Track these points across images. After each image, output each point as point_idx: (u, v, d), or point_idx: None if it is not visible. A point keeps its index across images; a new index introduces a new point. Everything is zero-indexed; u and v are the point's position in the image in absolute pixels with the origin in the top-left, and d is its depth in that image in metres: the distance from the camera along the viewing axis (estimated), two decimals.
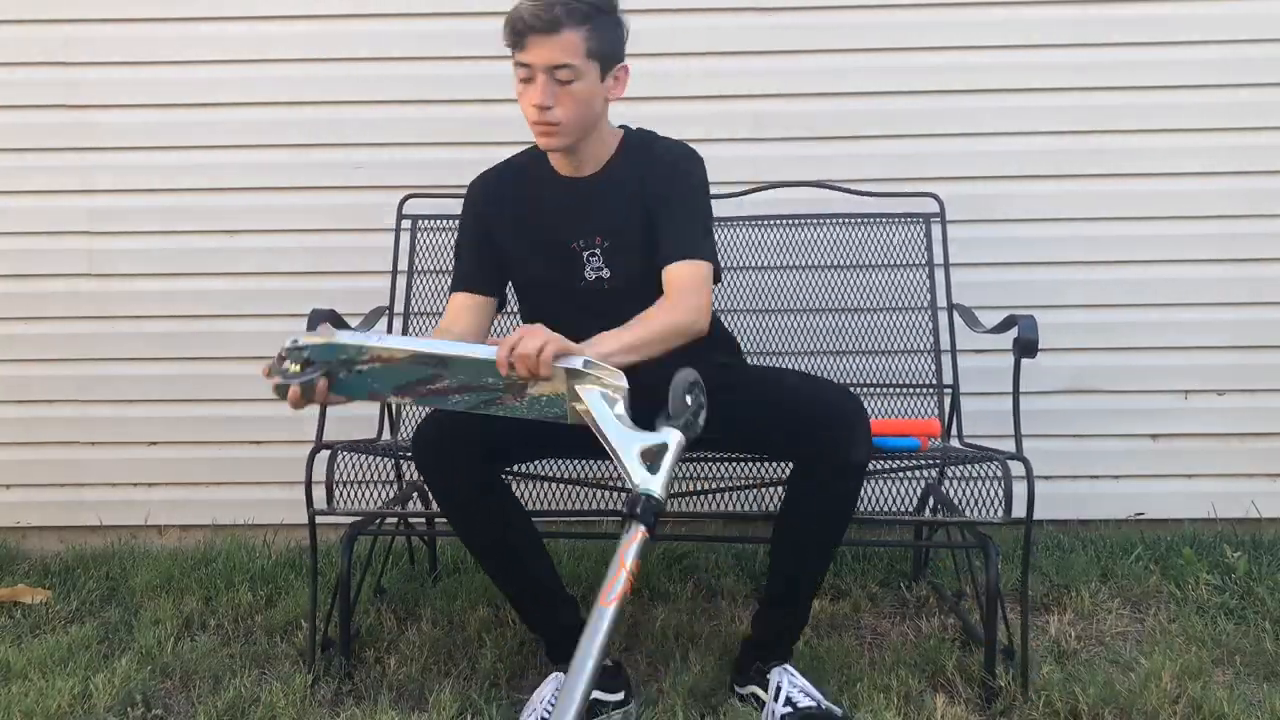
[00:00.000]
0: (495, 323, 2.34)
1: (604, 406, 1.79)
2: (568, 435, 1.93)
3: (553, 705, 2.00)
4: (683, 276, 2.12)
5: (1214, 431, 3.11)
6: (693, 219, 2.19)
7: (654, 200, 2.18)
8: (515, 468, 2.37)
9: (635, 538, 1.71)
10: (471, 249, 2.32)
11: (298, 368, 1.84)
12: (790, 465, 2.14)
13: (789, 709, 2.05)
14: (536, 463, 2.46)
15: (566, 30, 2.05)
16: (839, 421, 2.03)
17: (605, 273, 2.20)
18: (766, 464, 2.49)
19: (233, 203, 3.12)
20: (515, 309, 2.39)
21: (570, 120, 2.11)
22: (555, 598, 2.20)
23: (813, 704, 2.06)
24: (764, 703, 2.10)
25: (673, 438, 1.77)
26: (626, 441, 1.76)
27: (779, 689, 2.09)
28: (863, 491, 2.54)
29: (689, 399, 1.80)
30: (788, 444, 2.10)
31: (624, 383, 1.81)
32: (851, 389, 2.81)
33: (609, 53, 2.13)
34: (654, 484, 1.74)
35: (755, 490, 2.57)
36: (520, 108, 2.15)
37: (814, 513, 2.08)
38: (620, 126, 2.29)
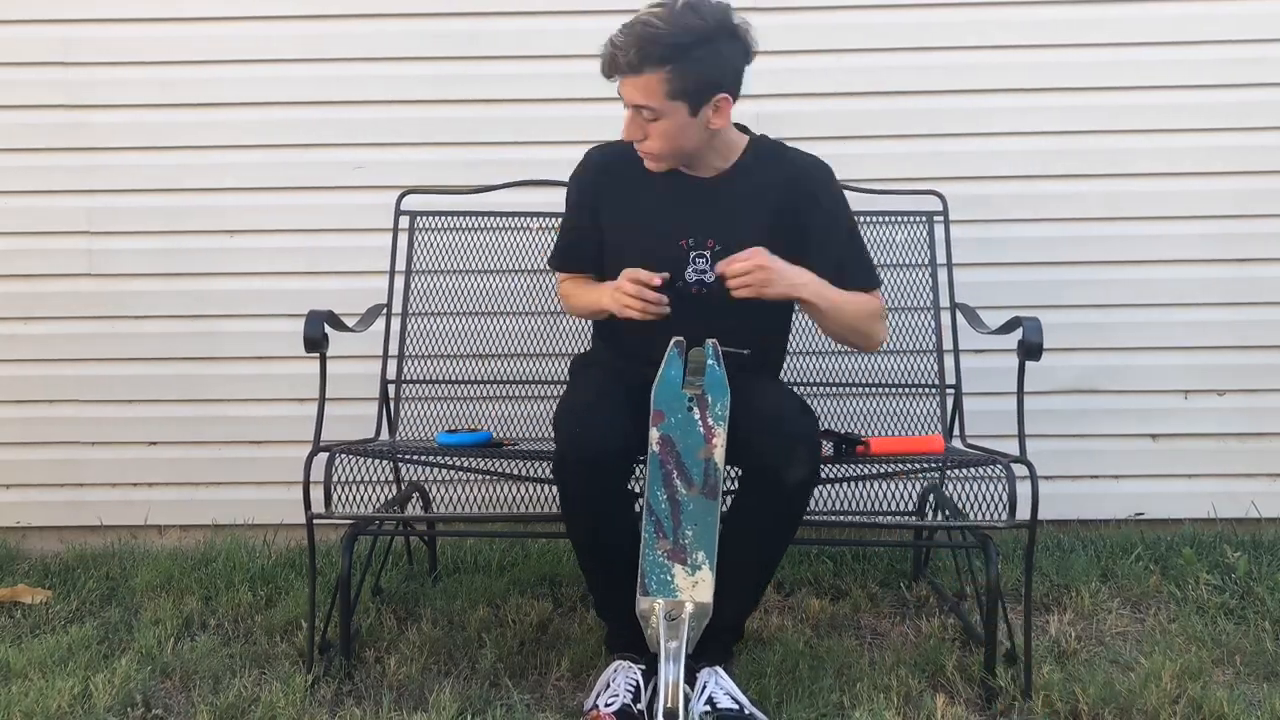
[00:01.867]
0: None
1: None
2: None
3: (629, 689, 2.05)
4: (877, 300, 2.30)
5: (1214, 431, 3.11)
6: (864, 248, 2.33)
7: (810, 214, 2.23)
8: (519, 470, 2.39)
9: None
10: (572, 226, 2.35)
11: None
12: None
13: (707, 709, 2.04)
14: (540, 465, 2.46)
15: (645, 73, 2.05)
16: (778, 439, 2.03)
17: (708, 276, 2.20)
18: None
19: (233, 203, 3.12)
20: None
21: (664, 150, 2.15)
22: (632, 591, 2.15)
23: (733, 707, 2.05)
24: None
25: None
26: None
27: (704, 688, 2.08)
28: (862, 492, 2.56)
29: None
30: (735, 454, 2.09)
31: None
32: (853, 388, 2.87)
33: (699, 88, 2.09)
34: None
35: None
36: None
37: (751, 527, 2.08)
38: (745, 131, 2.29)
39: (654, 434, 2.00)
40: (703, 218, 2.21)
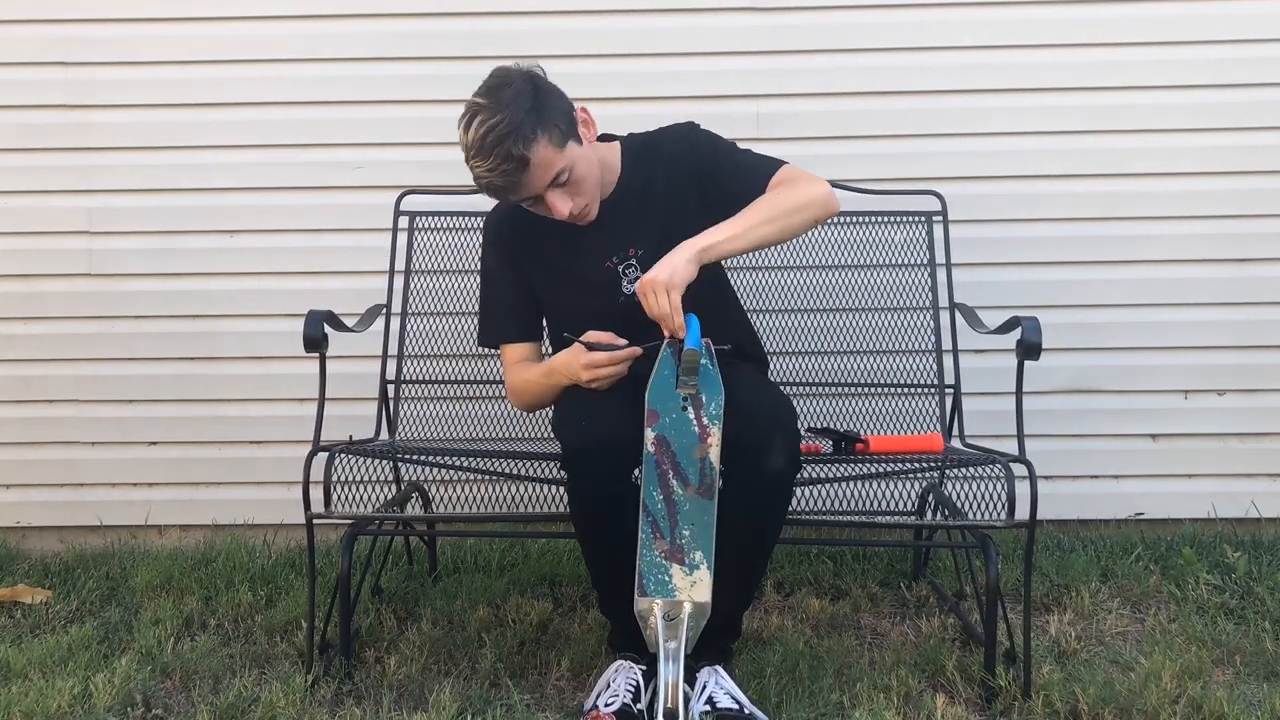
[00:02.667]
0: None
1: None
2: None
3: (630, 689, 2.06)
4: (786, 175, 2.21)
5: (1214, 431, 3.11)
6: (746, 155, 2.28)
7: (708, 173, 2.24)
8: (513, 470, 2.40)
9: None
10: (508, 291, 2.34)
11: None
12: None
13: (707, 708, 2.05)
14: (540, 465, 2.46)
15: (536, 152, 2.08)
16: (755, 431, 2.03)
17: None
18: None
19: (232, 202, 3.12)
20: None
21: (592, 196, 2.19)
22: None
23: (733, 707, 2.05)
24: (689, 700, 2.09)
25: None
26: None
27: (704, 687, 2.08)
28: (862, 491, 2.56)
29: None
30: (726, 446, 2.09)
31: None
32: (853, 388, 2.87)
33: (565, 122, 2.14)
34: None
35: None
36: None
37: (734, 521, 2.07)
38: (612, 139, 2.33)
39: (649, 434, 2.00)
40: (614, 234, 2.25)
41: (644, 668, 2.14)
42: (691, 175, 2.26)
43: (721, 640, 2.21)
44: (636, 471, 2.03)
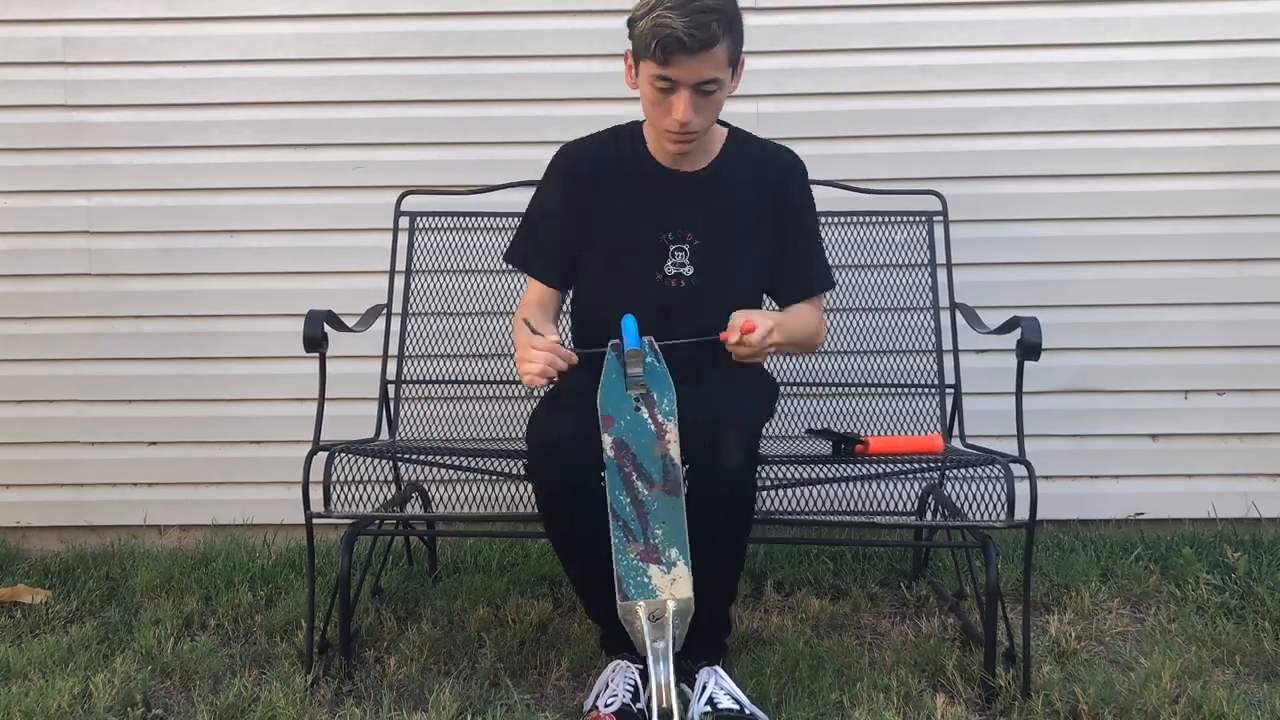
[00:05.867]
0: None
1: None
2: None
3: (629, 689, 2.06)
4: (819, 304, 2.37)
5: (1214, 431, 3.11)
6: (820, 243, 2.39)
7: (787, 216, 2.29)
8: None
9: None
10: (553, 228, 2.31)
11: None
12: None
13: (708, 709, 2.04)
14: None
15: (718, 45, 2.05)
16: (708, 429, 2.02)
17: (687, 269, 2.22)
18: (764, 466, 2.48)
19: (232, 202, 3.12)
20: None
21: (705, 127, 2.17)
22: None
23: (734, 707, 2.05)
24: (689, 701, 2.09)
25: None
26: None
27: (704, 688, 2.08)
28: (863, 493, 2.56)
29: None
30: (684, 447, 2.09)
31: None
32: (853, 388, 2.87)
33: (738, 54, 2.14)
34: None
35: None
36: (644, 111, 2.18)
37: (701, 519, 2.06)
38: (718, 122, 2.30)
39: (606, 440, 1.99)
40: (683, 212, 2.24)
41: (641, 667, 2.13)
42: (775, 197, 2.28)
43: (714, 637, 2.20)
44: (603, 474, 2.03)
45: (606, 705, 2.06)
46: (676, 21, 2.00)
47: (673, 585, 1.99)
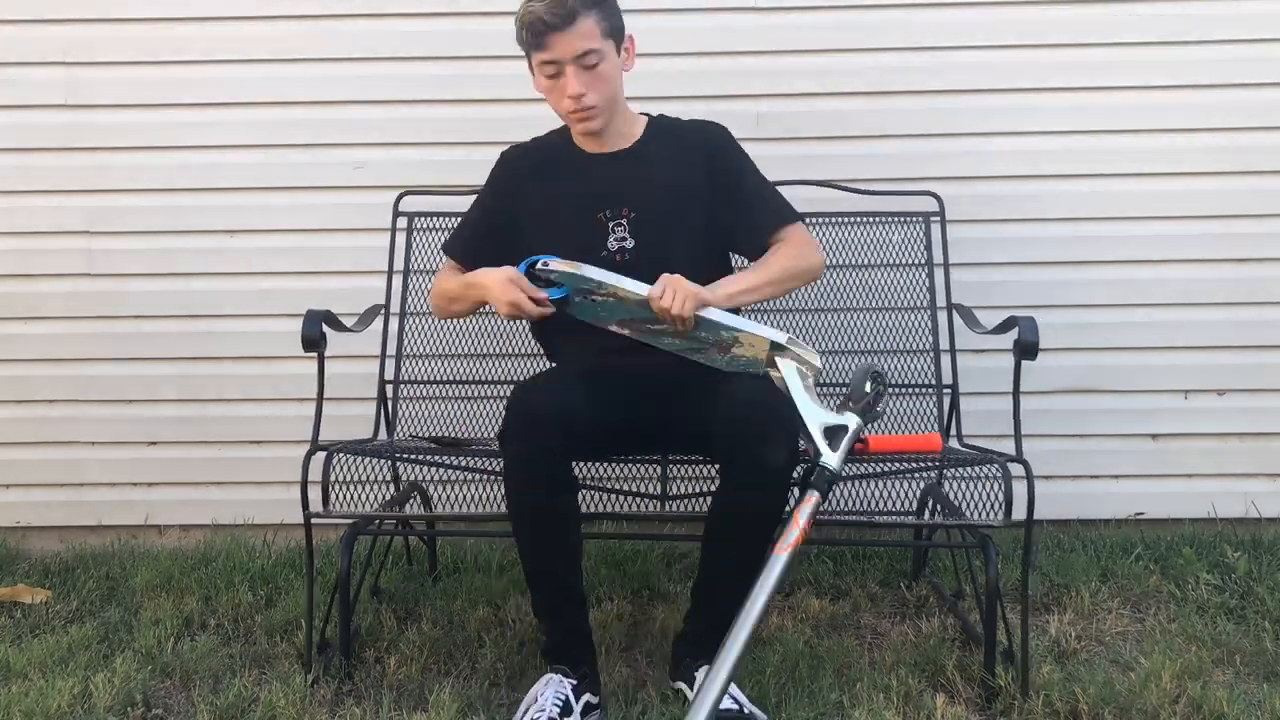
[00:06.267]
0: None
1: (797, 380, 2.06)
2: (631, 436, 2.24)
3: (557, 704, 2.04)
4: (795, 236, 2.34)
5: (1214, 431, 3.11)
6: (770, 188, 2.40)
7: (723, 179, 2.35)
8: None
9: (810, 500, 1.96)
10: (482, 220, 2.45)
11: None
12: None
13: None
14: None
15: (582, 19, 2.18)
16: (751, 426, 2.03)
17: (629, 243, 2.28)
18: None
19: (232, 203, 3.12)
20: None
21: (604, 100, 2.25)
22: (571, 596, 2.19)
23: (734, 707, 2.05)
24: (688, 699, 2.09)
25: (852, 421, 2.01)
26: (813, 416, 2.02)
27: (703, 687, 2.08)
28: (862, 492, 2.56)
29: (868, 386, 2.05)
30: (713, 446, 2.12)
31: (818, 361, 2.10)
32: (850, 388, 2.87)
33: (618, 27, 2.27)
34: (832, 459, 1.98)
35: None
36: (550, 105, 2.30)
37: (733, 517, 2.09)
38: (641, 113, 2.41)
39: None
40: (616, 189, 2.31)
41: (574, 681, 2.12)
42: (705, 166, 2.35)
43: (718, 636, 2.19)
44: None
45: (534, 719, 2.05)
46: (538, 6, 2.17)
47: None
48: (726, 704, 2.04)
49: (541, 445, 2.04)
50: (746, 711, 2.06)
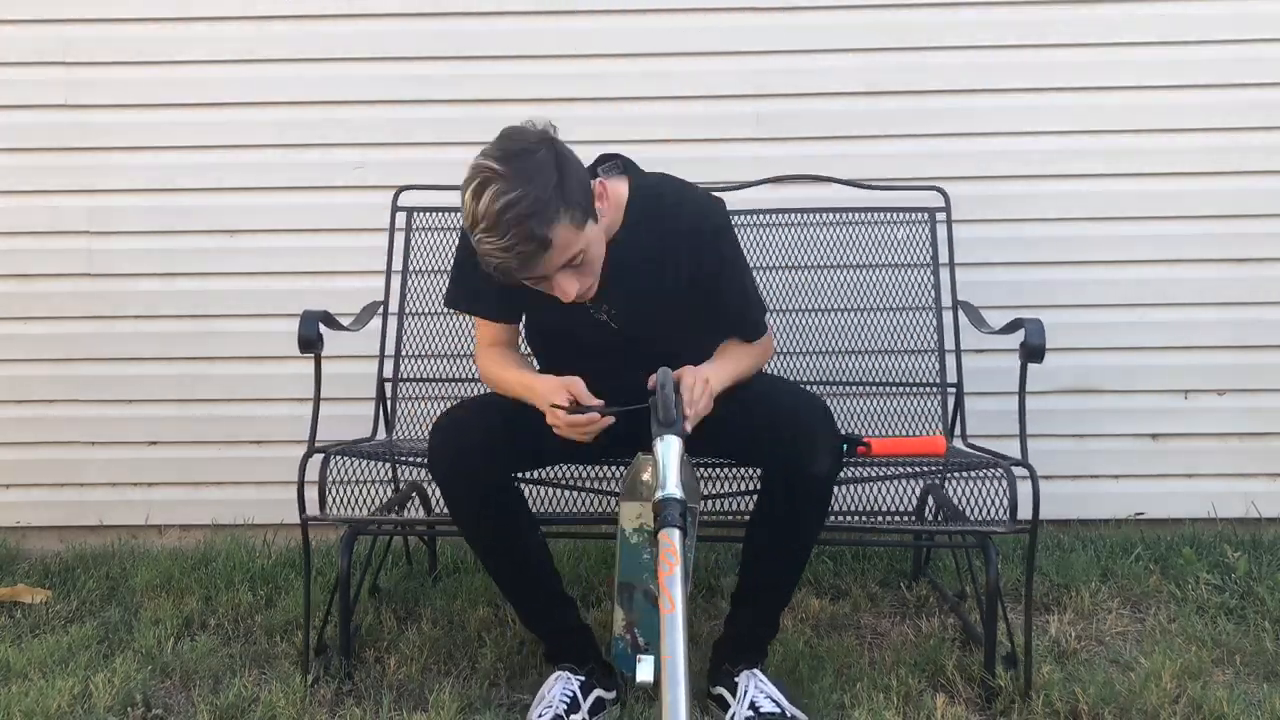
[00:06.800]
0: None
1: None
2: (570, 445, 2.04)
3: (564, 700, 2.05)
4: (765, 342, 2.27)
5: (1214, 431, 3.11)
6: (748, 293, 2.23)
7: (706, 280, 2.13)
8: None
9: (668, 540, 1.73)
10: (488, 283, 2.08)
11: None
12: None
13: (751, 713, 2.04)
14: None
15: (554, 237, 1.89)
16: (798, 433, 2.02)
17: (615, 325, 2.17)
18: None
19: (232, 203, 3.12)
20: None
21: (598, 273, 2.04)
22: (555, 600, 2.20)
23: (776, 710, 2.05)
24: (729, 705, 2.09)
25: (660, 444, 1.83)
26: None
27: (745, 692, 2.08)
28: (863, 493, 2.56)
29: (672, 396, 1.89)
30: (753, 452, 2.12)
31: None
32: (855, 388, 2.87)
33: (585, 198, 1.96)
34: (665, 489, 1.77)
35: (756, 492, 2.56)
36: None
37: (777, 522, 2.08)
38: (621, 174, 2.18)
39: (619, 615, 2.14)
40: (598, 295, 2.09)
41: (582, 678, 2.13)
42: (689, 262, 2.12)
43: (758, 640, 2.21)
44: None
45: (540, 717, 2.06)
46: (495, 245, 1.87)
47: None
48: (768, 707, 2.05)
49: (464, 468, 2.02)
50: (789, 715, 2.06)
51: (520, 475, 2.22)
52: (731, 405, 2.10)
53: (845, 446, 2.36)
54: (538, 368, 2.28)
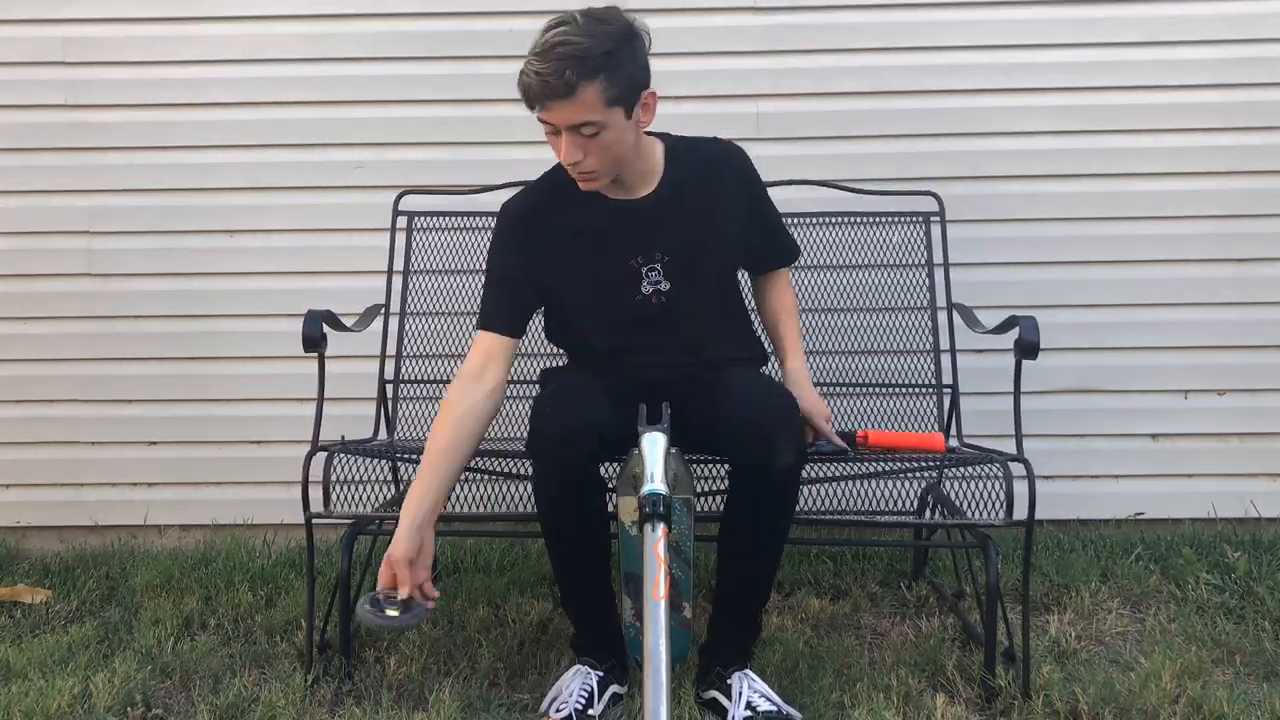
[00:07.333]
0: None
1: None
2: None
3: (583, 696, 2.08)
4: (786, 276, 2.47)
5: (1214, 431, 3.11)
6: (780, 218, 2.42)
7: (747, 205, 2.30)
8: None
9: (664, 535, 1.89)
10: (504, 282, 2.24)
11: None
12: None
13: (750, 713, 2.05)
14: None
15: (582, 90, 1.98)
16: (760, 430, 2.03)
17: (664, 285, 2.22)
18: None
19: (232, 202, 3.12)
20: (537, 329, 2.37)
21: (604, 164, 2.10)
22: (605, 595, 2.20)
23: (774, 709, 2.06)
24: (725, 708, 2.09)
25: (644, 439, 1.97)
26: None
27: (740, 694, 2.08)
28: (862, 492, 2.56)
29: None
30: (722, 447, 2.13)
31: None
32: (851, 388, 2.87)
33: (630, 89, 2.05)
34: (649, 484, 1.91)
35: None
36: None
37: (746, 521, 2.09)
38: (657, 135, 2.26)
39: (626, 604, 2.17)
40: (647, 235, 2.20)
41: (600, 674, 2.15)
42: (734, 194, 2.27)
43: (745, 641, 2.22)
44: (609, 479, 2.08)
45: (557, 711, 2.08)
46: (533, 69, 1.99)
47: None
48: (765, 706, 2.06)
49: (571, 456, 2.03)
50: (784, 712, 2.07)
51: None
52: (705, 402, 2.13)
53: (843, 440, 2.36)
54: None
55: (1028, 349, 2.30)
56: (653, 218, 2.21)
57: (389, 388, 2.80)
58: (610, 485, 2.17)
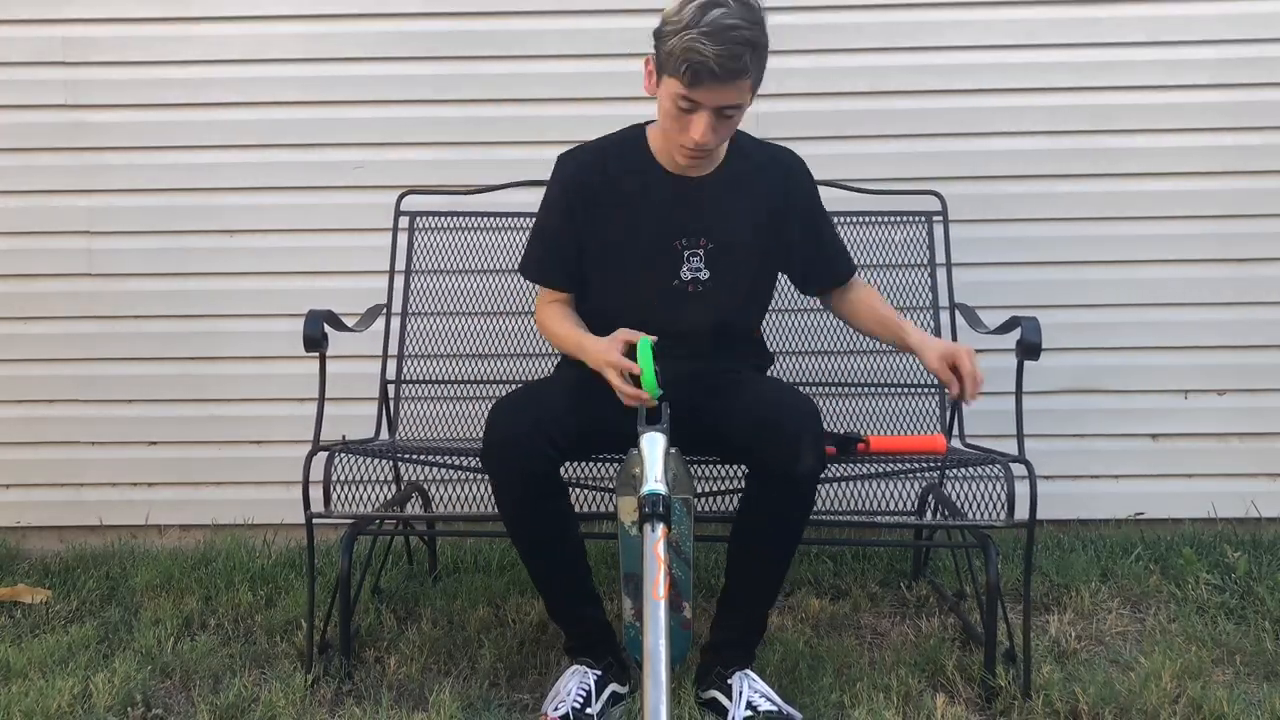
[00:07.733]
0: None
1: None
2: (618, 434, 2.08)
3: (580, 696, 2.08)
4: (862, 280, 2.47)
5: (1214, 431, 3.11)
6: (838, 239, 2.45)
7: (803, 214, 2.33)
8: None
9: (664, 535, 1.88)
10: (561, 228, 2.28)
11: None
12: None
13: (750, 713, 2.05)
14: None
15: (748, 76, 2.04)
16: (784, 433, 2.03)
17: (704, 274, 2.23)
18: None
19: (232, 202, 3.12)
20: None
21: (719, 144, 2.16)
22: (585, 597, 2.21)
23: (774, 709, 2.06)
24: (725, 709, 2.09)
25: (644, 439, 1.97)
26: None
27: (740, 694, 2.08)
28: (862, 492, 2.56)
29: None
30: (739, 451, 2.13)
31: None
32: (853, 388, 2.87)
33: (762, 78, 2.12)
34: (648, 484, 1.91)
35: None
36: (661, 123, 2.16)
37: (763, 521, 2.10)
38: None
39: (626, 604, 2.14)
40: (697, 218, 2.23)
41: (598, 674, 2.15)
42: (784, 198, 2.29)
43: (749, 641, 2.22)
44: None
45: (556, 710, 2.08)
46: (709, 49, 1.97)
47: None
48: (765, 705, 2.06)
49: (519, 462, 2.03)
50: (785, 712, 2.07)
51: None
52: (716, 403, 2.13)
53: (844, 445, 2.37)
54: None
55: (1030, 350, 2.30)
56: (706, 198, 2.23)
57: (390, 388, 2.79)
58: (607, 486, 2.17)
